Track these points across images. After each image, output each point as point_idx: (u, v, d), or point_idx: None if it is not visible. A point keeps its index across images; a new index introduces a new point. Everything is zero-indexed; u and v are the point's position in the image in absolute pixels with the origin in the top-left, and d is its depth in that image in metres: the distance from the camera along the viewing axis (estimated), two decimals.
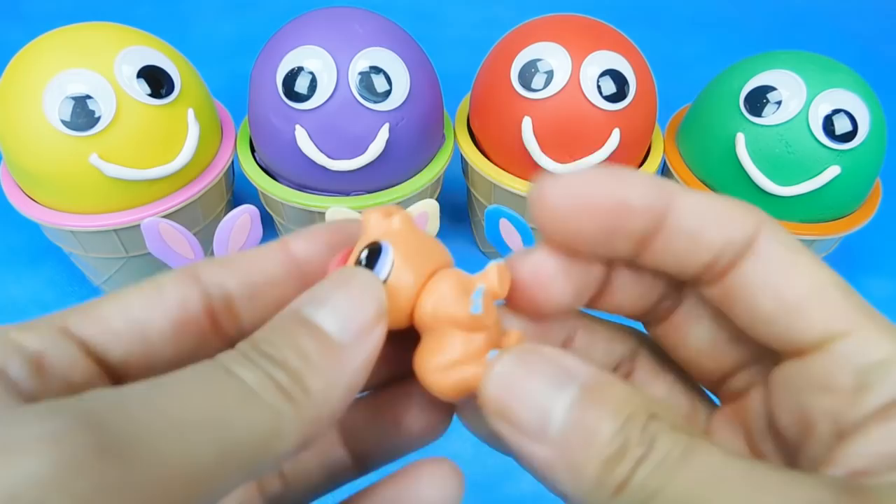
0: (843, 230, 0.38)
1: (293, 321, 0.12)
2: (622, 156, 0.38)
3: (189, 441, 0.10)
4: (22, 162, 0.33)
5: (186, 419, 0.10)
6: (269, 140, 0.36)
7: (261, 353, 0.11)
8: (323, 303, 0.12)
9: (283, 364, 0.11)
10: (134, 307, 0.12)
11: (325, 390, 0.11)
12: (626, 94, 0.36)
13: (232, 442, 0.10)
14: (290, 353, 0.11)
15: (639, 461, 0.11)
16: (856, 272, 0.46)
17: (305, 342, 0.12)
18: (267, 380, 0.11)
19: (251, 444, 0.10)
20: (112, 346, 0.12)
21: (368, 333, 0.12)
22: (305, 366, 0.11)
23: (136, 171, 0.33)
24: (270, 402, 0.11)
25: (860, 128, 0.35)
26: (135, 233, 0.35)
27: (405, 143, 0.36)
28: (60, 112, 0.32)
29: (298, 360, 0.11)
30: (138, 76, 0.33)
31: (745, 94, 0.37)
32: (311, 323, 0.12)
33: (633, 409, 0.11)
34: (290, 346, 0.11)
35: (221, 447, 0.10)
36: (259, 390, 0.11)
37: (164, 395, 0.10)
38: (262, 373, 0.11)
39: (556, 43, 0.36)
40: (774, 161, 0.36)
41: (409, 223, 0.14)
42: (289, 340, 0.12)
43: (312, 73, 0.33)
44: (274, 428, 0.10)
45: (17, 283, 0.42)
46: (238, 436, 0.10)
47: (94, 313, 0.12)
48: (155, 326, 0.12)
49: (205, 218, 0.38)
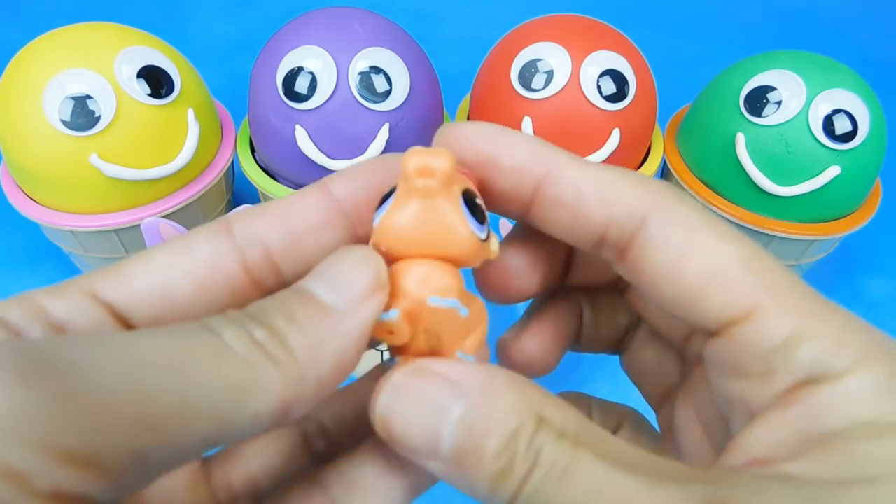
0: (843, 230, 0.38)
1: (288, 291, 0.12)
2: (622, 156, 0.38)
3: (145, 381, 0.09)
4: (22, 162, 0.33)
5: (147, 360, 0.09)
6: (269, 140, 0.36)
7: (246, 315, 0.11)
8: (318, 275, 0.12)
9: (266, 323, 0.11)
10: (159, 268, 0.12)
11: (309, 350, 0.11)
12: (626, 94, 0.36)
13: (196, 388, 0.10)
14: (277, 315, 0.11)
15: (525, 478, 0.11)
16: (856, 272, 0.46)
17: (293, 305, 0.11)
18: (244, 335, 0.11)
19: (220, 395, 0.10)
20: (139, 309, 0.12)
21: (363, 301, 0.11)
22: (288, 324, 0.11)
23: (136, 171, 0.33)
24: (244, 356, 0.10)
25: (860, 128, 0.35)
26: (135, 233, 0.35)
27: (405, 143, 0.36)
28: (60, 112, 0.32)
29: (284, 322, 0.11)
30: (138, 76, 0.33)
31: (745, 94, 0.37)
32: (302, 290, 0.12)
33: (520, 419, 0.11)
34: (278, 310, 0.11)
35: (184, 392, 0.09)
36: (234, 344, 0.10)
37: (129, 339, 0.10)
38: (241, 330, 0.11)
39: (556, 43, 0.36)
40: (774, 161, 0.36)
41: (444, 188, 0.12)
42: (278, 305, 0.11)
43: (312, 73, 0.33)
44: (247, 381, 0.10)
45: (17, 283, 0.42)
46: (203, 384, 0.10)
47: (120, 275, 0.12)
48: (180, 286, 0.12)
49: (205, 218, 0.38)
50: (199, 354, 0.10)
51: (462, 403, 0.11)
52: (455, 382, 0.12)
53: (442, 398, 0.12)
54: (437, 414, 0.11)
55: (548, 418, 0.11)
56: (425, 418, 0.12)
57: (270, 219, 0.13)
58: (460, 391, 0.12)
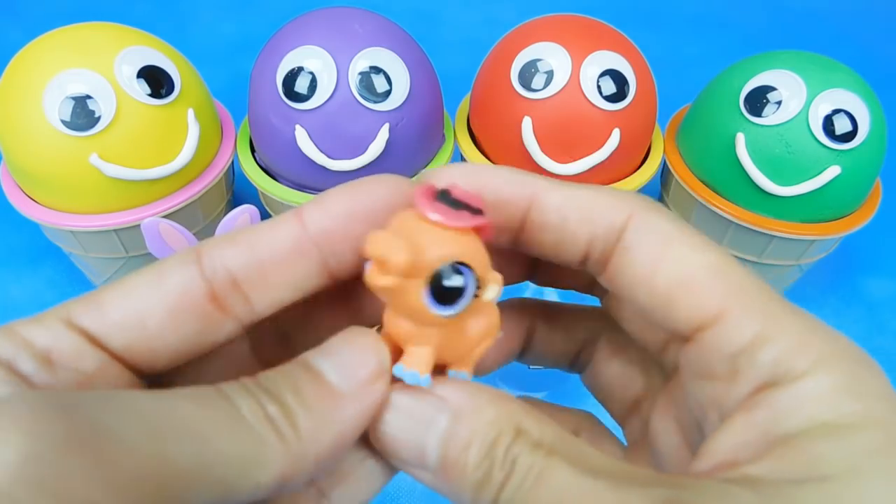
0: (843, 230, 0.38)
1: (298, 366, 0.12)
2: (622, 156, 0.38)
3: (168, 446, 0.10)
4: (22, 162, 0.33)
5: (170, 426, 0.10)
6: (269, 140, 0.36)
7: (260, 387, 0.12)
8: (328, 354, 0.12)
9: (278, 398, 0.11)
10: (133, 297, 0.12)
11: (314, 431, 0.12)
12: (626, 94, 0.36)
13: (211, 456, 0.10)
14: (287, 390, 0.12)
15: (501, 485, 0.12)
16: (856, 272, 0.46)
17: (304, 384, 0.12)
18: (258, 408, 0.11)
19: (231, 464, 0.10)
20: (113, 336, 0.12)
21: (367, 387, 0.12)
22: (299, 404, 0.12)
23: (136, 171, 0.33)
24: (257, 429, 0.11)
25: (860, 128, 0.35)
26: (135, 233, 0.35)
27: (405, 143, 0.36)
28: (60, 112, 0.32)
29: (293, 397, 0.12)
30: (138, 76, 0.33)
31: (745, 94, 0.37)
32: (313, 368, 0.12)
33: (499, 430, 0.12)
34: (288, 384, 0.12)
35: (200, 459, 0.10)
36: (248, 416, 0.11)
37: (153, 402, 0.10)
38: (255, 402, 0.11)
39: (556, 43, 0.36)
40: (774, 161, 0.36)
41: None
42: (289, 380, 0.12)
43: (312, 73, 0.33)
44: (256, 454, 0.11)
45: (17, 283, 0.42)
46: (218, 452, 0.10)
47: (95, 304, 0.12)
48: (154, 317, 0.12)
49: (205, 218, 0.38)
50: (218, 422, 0.11)
51: (446, 417, 0.12)
52: (440, 398, 0.13)
53: (428, 413, 0.13)
54: (424, 428, 0.13)
55: (525, 430, 0.12)
56: (413, 432, 0.13)
57: (239, 248, 0.13)
58: (445, 406, 0.13)
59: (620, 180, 0.39)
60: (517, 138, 0.37)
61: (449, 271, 0.12)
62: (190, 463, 0.10)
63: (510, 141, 0.37)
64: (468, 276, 0.12)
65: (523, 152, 0.37)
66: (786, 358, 0.12)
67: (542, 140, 0.36)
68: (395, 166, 0.37)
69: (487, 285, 0.13)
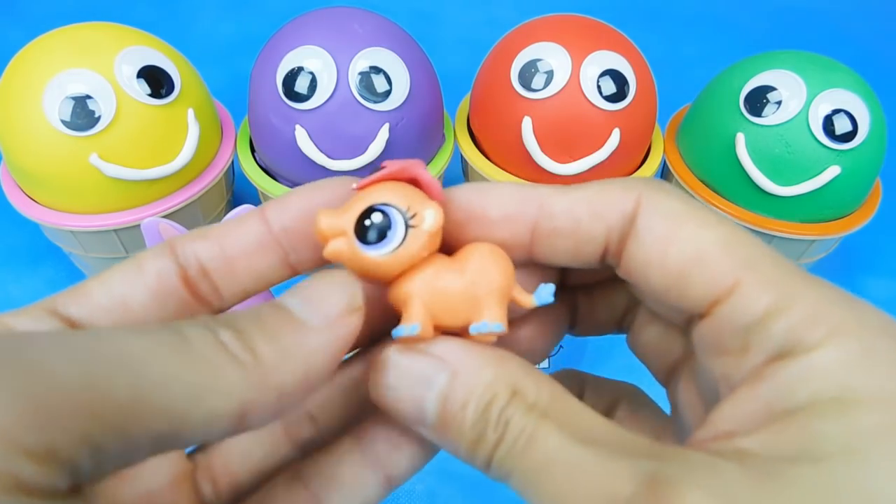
0: (843, 230, 0.38)
1: (263, 304, 0.12)
2: (622, 156, 0.38)
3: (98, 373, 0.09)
4: (22, 162, 0.33)
5: (102, 355, 0.10)
6: (269, 140, 0.36)
7: (215, 319, 0.11)
8: (294, 293, 0.12)
9: (234, 326, 0.11)
10: (115, 283, 0.13)
11: (276, 359, 0.11)
12: (626, 94, 0.36)
13: (150, 384, 0.10)
14: (248, 322, 0.11)
15: (495, 445, 0.12)
16: (856, 272, 0.46)
17: (265, 313, 0.12)
18: (208, 334, 0.11)
19: (176, 391, 0.10)
20: (98, 321, 0.12)
21: (335, 322, 0.12)
22: (258, 330, 0.11)
23: (136, 171, 0.33)
24: (206, 355, 0.10)
25: (860, 128, 0.35)
26: (135, 233, 0.35)
27: (405, 143, 0.36)
28: (60, 112, 0.32)
29: (253, 325, 0.11)
30: (138, 76, 0.33)
31: (745, 94, 0.37)
32: (277, 303, 0.12)
33: (494, 391, 0.12)
34: (250, 317, 0.11)
35: (137, 388, 0.10)
36: (196, 342, 0.10)
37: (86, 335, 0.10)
38: (205, 329, 0.11)
39: (556, 43, 0.36)
40: (774, 161, 0.36)
41: None
42: (251, 314, 0.12)
43: (312, 73, 0.33)
44: (207, 380, 0.10)
45: (17, 283, 0.42)
46: (157, 378, 0.10)
47: (80, 292, 0.13)
48: (136, 299, 0.13)
49: (205, 218, 0.38)
50: (156, 350, 0.10)
51: (445, 376, 0.13)
52: (439, 357, 0.13)
53: (427, 371, 0.13)
54: (423, 386, 0.13)
55: (521, 391, 0.12)
56: (412, 390, 0.13)
57: (209, 241, 0.14)
58: (443, 365, 0.13)
59: None
60: (517, 138, 0.37)
61: (367, 213, 0.13)
62: (127, 393, 0.09)
63: (510, 141, 0.37)
64: (389, 211, 0.13)
65: (523, 152, 0.37)
66: (798, 329, 0.11)
67: (542, 140, 0.36)
68: None
69: (423, 214, 0.13)
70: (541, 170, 0.37)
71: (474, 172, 0.40)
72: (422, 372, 0.13)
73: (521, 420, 0.12)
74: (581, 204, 0.14)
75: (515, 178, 0.38)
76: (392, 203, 0.13)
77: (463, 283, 0.13)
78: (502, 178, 0.39)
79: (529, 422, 0.12)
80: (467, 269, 0.13)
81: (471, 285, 0.13)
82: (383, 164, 0.13)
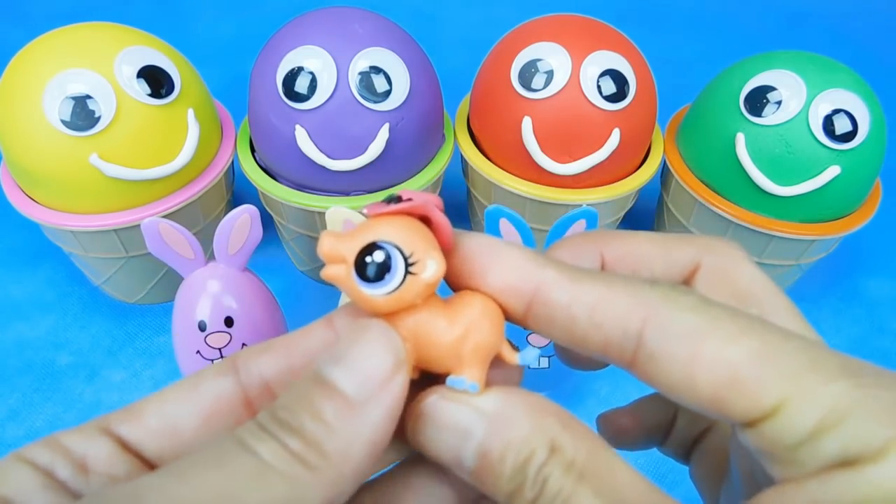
0: (843, 230, 0.38)
1: (311, 382, 0.12)
2: (622, 156, 0.38)
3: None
4: (22, 162, 0.33)
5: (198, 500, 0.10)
6: (269, 140, 0.36)
7: (277, 422, 0.12)
8: (338, 361, 0.12)
9: (299, 431, 0.11)
10: (169, 404, 0.13)
11: (344, 450, 0.11)
12: (626, 94, 0.36)
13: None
14: (307, 417, 0.12)
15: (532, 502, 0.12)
16: (856, 272, 0.46)
17: (322, 404, 0.12)
18: (282, 450, 0.11)
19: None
20: (147, 442, 0.13)
21: (386, 386, 0.12)
22: (322, 430, 0.11)
23: (136, 171, 0.33)
24: (286, 472, 0.11)
25: (860, 128, 0.35)
26: (135, 233, 0.35)
27: (405, 143, 0.36)
28: (60, 112, 0.32)
29: (315, 424, 0.11)
30: (138, 76, 0.33)
31: (745, 94, 0.37)
32: (327, 382, 0.12)
33: (533, 447, 0.12)
34: (306, 410, 0.12)
35: None
36: (274, 462, 0.11)
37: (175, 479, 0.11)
38: (276, 444, 0.11)
39: (556, 43, 0.36)
40: (774, 161, 0.36)
41: None
42: (305, 405, 0.12)
43: (312, 73, 0.33)
44: (292, 494, 0.11)
45: (17, 283, 0.42)
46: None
47: (133, 412, 0.13)
48: (187, 423, 0.13)
49: (205, 218, 0.38)
50: (242, 480, 0.11)
51: (482, 428, 0.13)
52: (476, 407, 0.13)
53: (465, 422, 0.13)
54: (460, 437, 0.13)
55: (559, 447, 0.12)
56: (450, 440, 0.13)
57: (274, 356, 0.14)
58: (481, 416, 0.13)
59: (620, 180, 0.39)
60: (517, 138, 0.37)
61: (370, 249, 0.12)
62: None
63: (510, 141, 0.37)
64: (391, 252, 0.12)
65: (523, 152, 0.37)
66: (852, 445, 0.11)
67: (542, 140, 0.36)
68: (395, 166, 0.37)
69: (425, 263, 0.13)
70: (541, 170, 0.37)
71: (474, 172, 0.40)
72: (460, 422, 0.13)
73: (558, 480, 0.12)
74: (579, 309, 0.13)
75: (516, 178, 0.38)
76: (397, 243, 0.12)
77: (453, 335, 0.13)
78: (502, 178, 0.39)
79: (567, 484, 0.12)
80: (459, 320, 0.13)
81: (460, 339, 0.13)
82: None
